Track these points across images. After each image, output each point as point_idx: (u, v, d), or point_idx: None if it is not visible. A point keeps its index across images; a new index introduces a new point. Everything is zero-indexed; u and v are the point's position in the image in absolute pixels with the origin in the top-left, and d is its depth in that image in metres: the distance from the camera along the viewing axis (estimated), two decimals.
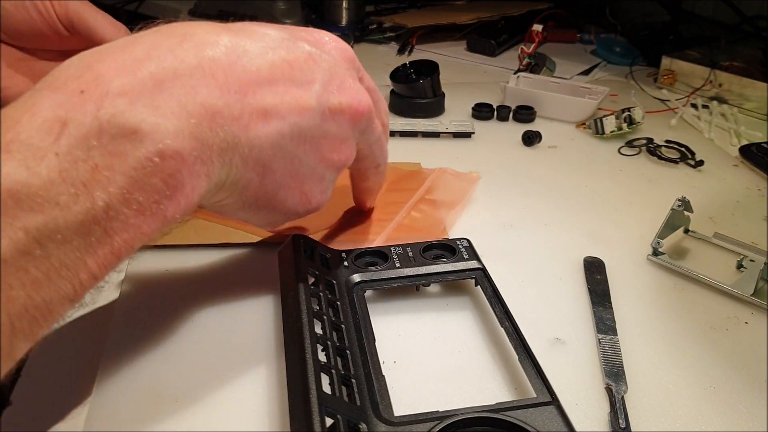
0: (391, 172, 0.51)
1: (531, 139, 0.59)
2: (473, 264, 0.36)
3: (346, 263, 0.36)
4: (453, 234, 0.43)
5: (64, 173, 0.22)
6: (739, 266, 0.41)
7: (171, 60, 0.25)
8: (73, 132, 0.22)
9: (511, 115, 0.65)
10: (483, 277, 0.36)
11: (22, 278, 0.21)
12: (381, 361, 0.30)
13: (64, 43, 0.42)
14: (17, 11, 0.40)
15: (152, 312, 0.34)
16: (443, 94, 0.66)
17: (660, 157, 0.57)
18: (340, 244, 0.40)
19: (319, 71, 0.30)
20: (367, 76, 0.35)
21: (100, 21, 0.41)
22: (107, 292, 0.35)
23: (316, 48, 0.31)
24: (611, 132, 0.60)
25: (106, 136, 0.23)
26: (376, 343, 0.31)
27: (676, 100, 0.72)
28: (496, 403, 0.27)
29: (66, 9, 0.40)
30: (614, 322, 0.35)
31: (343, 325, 0.31)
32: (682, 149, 0.58)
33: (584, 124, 0.63)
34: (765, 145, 0.58)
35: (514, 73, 0.73)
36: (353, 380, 0.28)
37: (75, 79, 0.23)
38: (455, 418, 0.26)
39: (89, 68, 0.24)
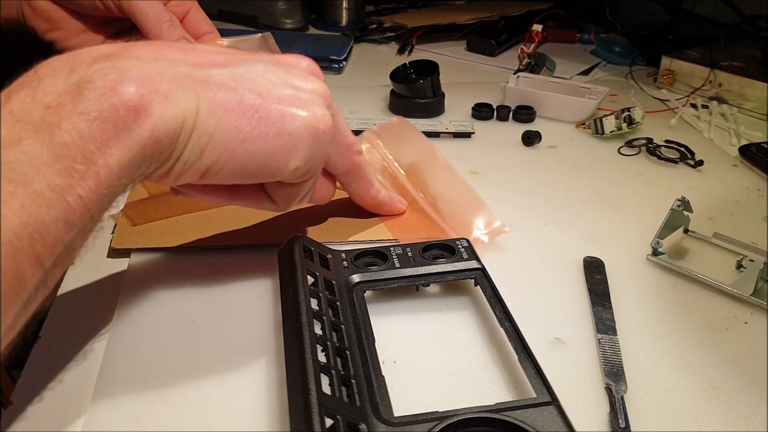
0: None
1: (531, 139, 0.59)
2: (473, 264, 0.36)
3: (345, 263, 0.36)
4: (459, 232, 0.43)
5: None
6: (739, 266, 0.41)
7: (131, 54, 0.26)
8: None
9: (510, 115, 0.65)
10: (483, 277, 0.36)
11: (9, 202, 0.21)
12: (381, 362, 0.30)
13: (125, 20, 0.46)
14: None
15: (152, 312, 0.34)
16: (443, 94, 0.66)
17: (660, 157, 0.57)
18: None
19: (276, 74, 0.30)
20: (337, 111, 0.35)
21: (146, 11, 0.43)
22: (108, 292, 0.35)
23: (300, 70, 0.31)
24: (611, 132, 0.60)
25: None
26: (376, 344, 0.31)
27: (676, 100, 0.72)
28: (496, 403, 0.27)
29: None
30: (614, 321, 0.35)
31: (342, 326, 0.31)
32: (682, 149, 0.58)
33: (584, 124, 0.63)
34: (765, 145, 0.58)
35: (514, 73, 0.73)
36: (353, 380, 0.28)
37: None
38: (455, 419, 0.26)
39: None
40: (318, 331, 0.30)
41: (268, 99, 0.29)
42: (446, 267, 0.36)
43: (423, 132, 0.60)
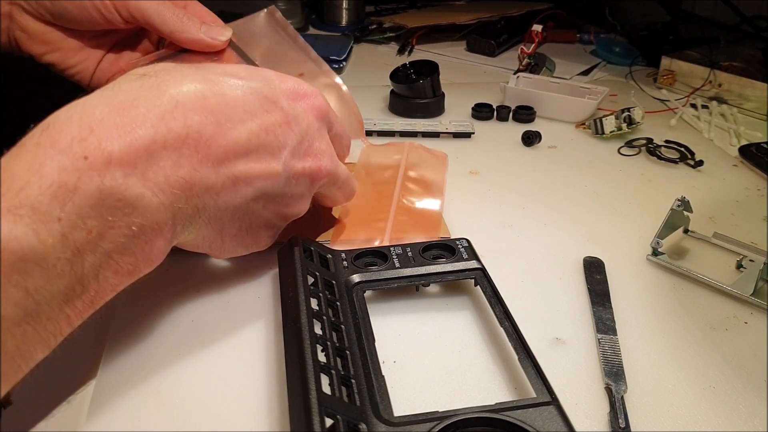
0: (372, 151, 0.51)
1: (531, 139, 0.59)
2: (473, 264, 0.36)
3: (345, 263, 0.36)
4: (453, 234, 0.43)
5: (64, 238, 0.24)
6: (739, 266, 0.41)
7: (162, 129, 0.27)
8: (77, 200, 0.24)
9: (510, 115, 0.65)
10: (482, 277, 0.36)
11: (15, 333, 0.23)
12: (381, 361, 0.30)
13: (122, 30, 0.46)
14: (78, 11, 0.43)
15: (152, 312, 0.34)
16: (443, 95, 0.66)
17: (660, 157, 0.57)
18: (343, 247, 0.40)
19: (291, 136, 0.33)
20: (339, 123, 0.38)
21: (162, 12, 0.43)
22: None
23: (294, 104, 0.33)
24: (611, 132, 0.61)
25: (103, 206, 0.25)
26: (376, 343, 0.31)
27: (676, 100, 0.72)
28: (496, 403, 0.27)
29: (126, 6, 0.43)
30: (614, 321, 0.35)
31: (342, 326, 0.31)
32: (682, 149, 0.58)
33: (584, 124, 0.63)
34: (764, 145, 0.58)
35: (514, 74, 0.73)
36: (353, 380, 0.28)
37: (79, 142, 0.25)
38: (455, 419, 0.26)
39: (91, 131, 0.25)
40: (318, 331, 0.30)
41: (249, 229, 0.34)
42: (446, 267, 0.36)
43: (422, 132, 0.60)
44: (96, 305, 0.26)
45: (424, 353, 0.33)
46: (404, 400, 0.29)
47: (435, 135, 0.60)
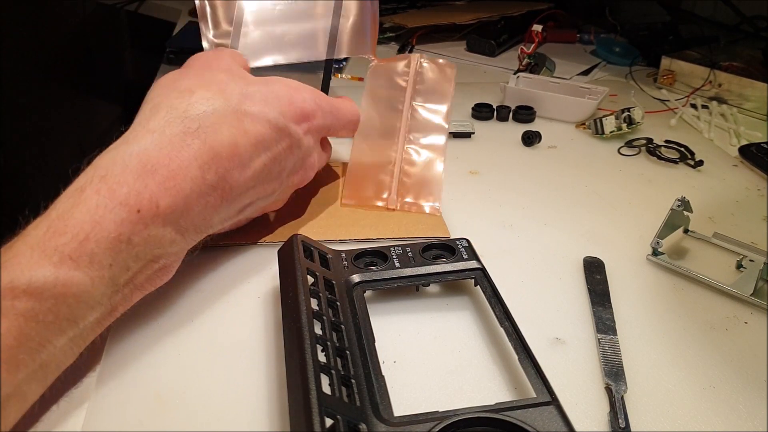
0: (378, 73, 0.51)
1: (531, 139, 0.59)
2: (473, 264, 0.36)
3: (345, 263, 0.36)
4: (453, 234, 0.43)
5: (113, 279, 0.28)
6: (739, 266, 0.41)
7: (200, 182, 0.31)
8: (125, 248, 0.28)
9: (510, 115, 0.65)
10: (483, 277, 0.36)
11: (56, 353, 0.26)
12: (381, 361, 0.30)
13: None
14: None
15: (152, 311, 0.34)
16: None
17: (660, 157, 0.57)
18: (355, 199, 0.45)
19: (292, 159, 0.37)
20: (338, 116, 0.42)
21: None
22: None
23: (298, 128, 0.37)
24: (611, 132, 0.60)
25: (145, 253, 0.29)
26: (376, 344, 0.31)
27: (676, 100, 0.72)
28: (496, 403, 0.27)
29: None
30: (614, 321, 0.35)
31: (342, 326, 0.31)
32: (682, 149, 0.58)
33: (584, 124, 0.63)
34: (764, 145, 0.58)
35: (514, 74, 0.73)
36: (353, 380, 0.28)
37: (135, 196, 0.28)
38: (455, 418, 0.26)
39: (145, 186, 0.29)
40: (318, 331, 0.30)
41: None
42: (446, 267, 0.36)
43: None
44: (115, 317, 0.30)
45: (424, 353, 0.33)
46: (404, 400, 0.29)
47: None
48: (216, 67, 0.37)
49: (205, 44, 0.48)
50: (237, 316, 0.35)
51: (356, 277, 0.35)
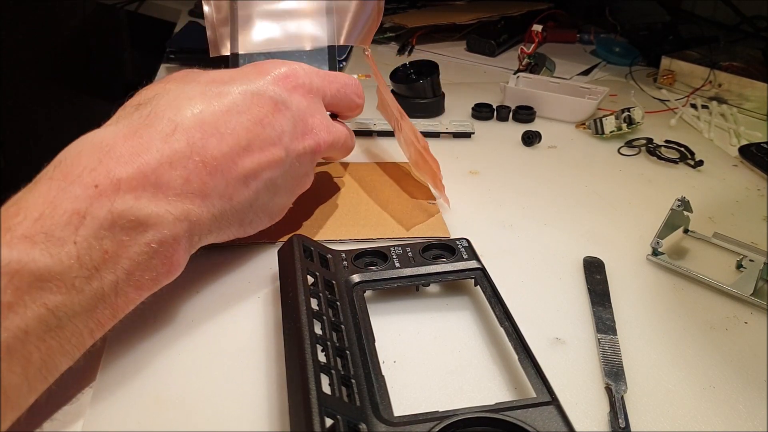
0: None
1: (531, 139, 0.59)
2: (473, 264, 0.36)
3: (345, 263, 0.36)
4: (453, 234, 0.43)
5: (80, 259, 0.26)
6: (739, 266, 0.41)
7: (167, 151, 0.29)
8: (89, 224, 0.26)
9: (510, 115, 0.65)
10: (482, 277, 0.36)
11: (40, 346, 0.25)
12: (381, 361, 0.30)
13: None
14: None
15: (152, 312, 0.34)
16: (443, 95, 0.66)
17: (660, 157, 0.57)
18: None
19: (285, 121, 0.35)
20: (332, 85, 0.40)
21: None
22: None
23: (279, 89, 0.35)
24: (611, 132, 0.61)
25: (117, 227, 0.27)
26: (376, 343, 0.31)
27: (676, 100, 0.72)
28: (496, 403, 0.27)
29: None
30: (614, 321, 0.35)
31: (342, 326, 0.31)
32: (682, 149, 0.58)
33: (584, 124, 0.63)
34: (765, 145, 0.58)
35: (514, 74, 0.73)
36: (353, 380, 0.28)
37: (89, 172, 0.27)
38: (455, 418, 0.26)
39: (100, 162, 0.27)
40: (318, 331, 0.30)
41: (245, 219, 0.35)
42: (446, 267, 0.36)
43: (422, 132, 0.60)
44: (117, 318, 0.28)
45: (424, 353, 0.33)
46: (404, 400, 0.29)
47: (435, 135, 0.60)
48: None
49: (209, 32, 0.49)
50: (237, 316, 0.35)
51: (356, 277, 0.35)
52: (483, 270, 0.36)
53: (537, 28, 0.79)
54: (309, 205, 0.45)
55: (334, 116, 0.42)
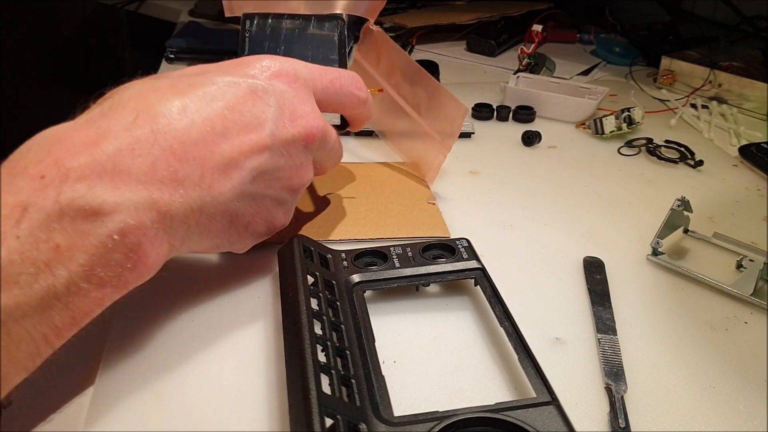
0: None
1: (531, 139, 0.59)
2: (473, 264, 0.36)
3: (345, 263, 0.36)
4: (453, 234, 0.43)
5: (24, 254, 0.23)
6: (739, 266, 0.41)
7: (127, 138, 0.26)
8: (34, 216, 0.23)
9: (510, 115, 0.65)
10: (482, 277, 0.36)
11: None
12: (381, 361, 0.30)
13: None
14: None
15: (152, 312, 0.34)
16: None
17: (660, 157, 0.57)
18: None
19: (267, 107, 0.31)
20: (320, 71, 0.36)
21: None
22: None
23: (256, 78, 0.32)
24: (611, 132, 0.61)
25: (67, 218, 0.24)
26: (376, 343, 0.31)
27: (676, 100, 0.72)
28: (496, 403, 0.27)
29: None
30: (614, 321, 0.35)
31: (342, 326, 0.31)
32: (682, 149, 0.58)
33: (584, 124, 0.63)
34: (765, 145, 0.58)
35: (514, 74, 0.73)
36: (353, 380, 0.28)
37: (35, 164, 0.24)
38: (455, 418, 0.26)
39: (48, 153, 0.25)
40: (318, 331, 0.30)
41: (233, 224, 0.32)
42: (446, 267, 0.36)
43: None
44: (79, 323, 0.26)
45: (424, 353, 0.33)
46: (404, 400, 0.29)
47: None
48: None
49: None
50: (237, 316, 0.35)
51: (356, 277, 0.35)
52: (483, 270, 0.36)
53: (537, 28, 0.79)
54: (309, 205, 0.45)
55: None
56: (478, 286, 0.36)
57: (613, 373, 0.32)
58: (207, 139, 0.29)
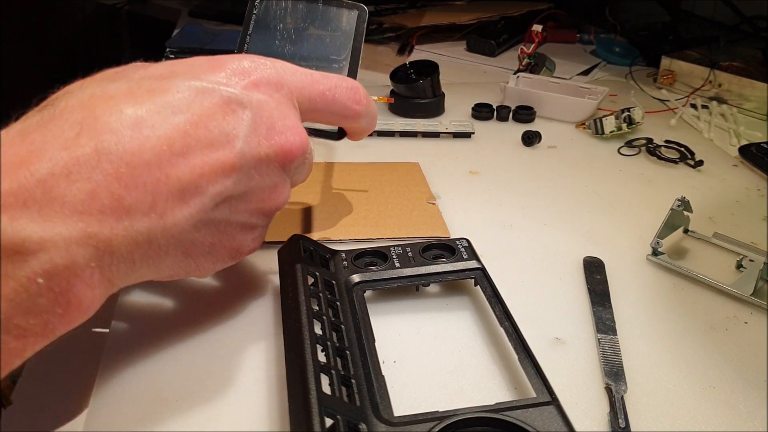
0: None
1: (531, 139, 0.59)
2: (473, 264, 0.36)
3: (345, 263, 0.36)
4: (453, 234, 0.43)
5: None
6: (739, 266, 0.41)
7: (64, 159, 0.22)
8: None
9: (510, 115, 0.65)
10: (482, 277, 0.36)
11: None
12: (381, 361, 0.30)
13: None
14: None
15: (152, 312, 0.34)
16: (443, 95, 0.66)
17: (659, 157, 0.57)
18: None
19: (239, 123, 0.27)
20: (313, 78, 0.32)
21: None
22: None
23: (233, 85, 0.28)
24: (611, 132, 0.60)
25: None
26: (376, 343, 0.31)
27: (676, 100, 0.72)
28: (496, 403, 0.27)
29: None
30: (614, 321, 0.35)
31: (342, 326, 0.31)
32: (682, 149, 0.58)
33: (584, 124, 0.63)
34: (764, 145, 0.58)
35: (514, 74, 0.73)
36: (353, 380, 0.28)
37: None
38: (455, 418, 0.26)
39: None
40: (318, 331, 0.30)
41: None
42: (446, 267, 0.36)
43: (422, 132, 0.60)
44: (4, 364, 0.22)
45: (424, 353, 0.33)
46: (404, 400, 0.29)
47: (435, 135, 0.60)
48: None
49: None
50: (237, 316, 0.35)
51: (356, 277, 0.35)
52: (483, 270, 0.36)
53: (537, 28, 0.79)
54: (309, 205, 0.45)
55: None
56: (478, 286, 0.36)
57: (613, 373, 0.32)
58: (162, 161, 0.24)
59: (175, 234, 0.26)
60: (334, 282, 0.34)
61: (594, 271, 0.40)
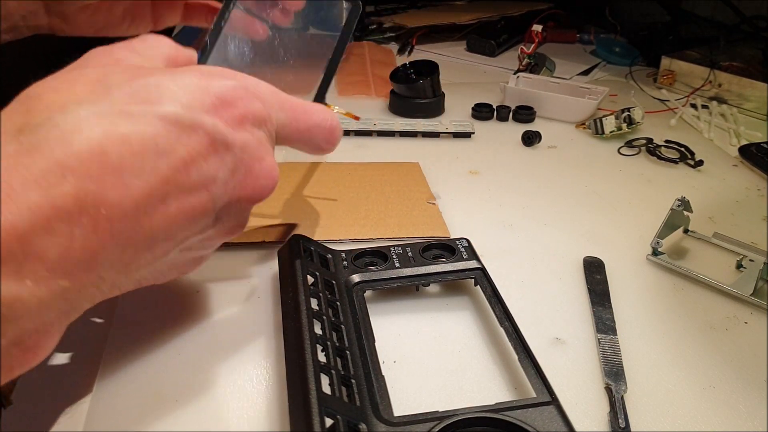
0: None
1: (531, 139, 0.59)
2: (473, 264, 0.36)
3: (345, 263, 0.36)
4: (453, 234, 0.43)
5: None
6: (739, 266, 0.41)
7: (46, 208, 0.20)
8: None
9: (510, 115, 0.65)
10: (482, 276, 0.36)
11: None
12: (381, 361, 0.30)
13: None
14: None
15: (152, 312, 0.34)
16: (443, 95, 0.66)
17: (659, 157, 0.57)
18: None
19: (221, 165, 0.26)
20: (296, 115, 0.30)
21: None
22: None
23: (225, 125, 0.26)
24: (611, 132, 0.60)
25: None
26: (376, 343, 0.31)
27: (676, 100, 0.72)
28: (496, 403, 0.27)
29: None
30: (614, 321, 0.35)
31: (342, 326, 0.31)
32: (682, 149, 0.58)
33: (584, 124, 0.63)
34: (764, 145, 0.58)
35: (514, 74, 0.73)
36: (353, 380, 0.28)
37: None
38: (455, 418, 0.26)
39: None
40: (318, 331, 0.30)
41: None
42: (446, 267, 0.36)
43: (423, 132, 0.60)
44: None
45: (424, 353, 0.33)
46: (404, 400, 0.29)
47: (435, 135, 0.60)
48: (108, 64, 0.27)
49: None
50: (237, 316, 0.35)
51: (356, 277, 0.35)
52: (483, 270, 0.36)
53: (537, 28, 0.79)
54: (309, 204, 0.45)
55: None
56: (478, 286, 0.36)
57: (613, 373, 0.32)
58: (139, 211, 0.23)
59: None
60: (334, 282, 0.34)
61: (594, 271, 0.40)
